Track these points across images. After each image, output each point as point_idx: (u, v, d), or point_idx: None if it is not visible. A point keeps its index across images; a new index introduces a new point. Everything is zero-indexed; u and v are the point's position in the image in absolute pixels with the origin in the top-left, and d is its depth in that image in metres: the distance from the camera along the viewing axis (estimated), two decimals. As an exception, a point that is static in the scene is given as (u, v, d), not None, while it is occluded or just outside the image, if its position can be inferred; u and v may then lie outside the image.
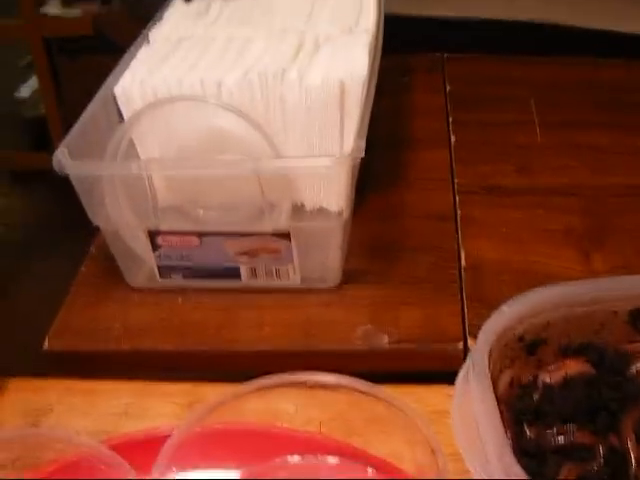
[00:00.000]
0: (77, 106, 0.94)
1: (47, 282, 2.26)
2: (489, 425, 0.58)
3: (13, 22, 2.69)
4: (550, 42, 1.69)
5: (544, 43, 1.56)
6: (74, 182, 0.84)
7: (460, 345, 0.82)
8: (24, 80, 3.10)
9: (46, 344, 0.87)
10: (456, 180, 1.05)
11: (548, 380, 0.67)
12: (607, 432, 0.62)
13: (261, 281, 0.88)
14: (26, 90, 3.07)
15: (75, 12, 2.51)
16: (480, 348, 0.65)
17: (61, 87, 2.68)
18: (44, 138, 2.76)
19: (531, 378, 0.68)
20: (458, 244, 0.94)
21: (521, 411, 0.65)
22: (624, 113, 1.18)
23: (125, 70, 0.96)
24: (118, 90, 0.93)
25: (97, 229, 0.91)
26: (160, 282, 0.90)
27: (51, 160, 0.82)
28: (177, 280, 0.90)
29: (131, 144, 0.92)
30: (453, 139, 1.13)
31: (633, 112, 1.18)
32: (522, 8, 2.03)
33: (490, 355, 0.65)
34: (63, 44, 2.59)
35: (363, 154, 0.81)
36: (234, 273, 0.88)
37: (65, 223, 1.57)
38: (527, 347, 0.69)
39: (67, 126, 0.88)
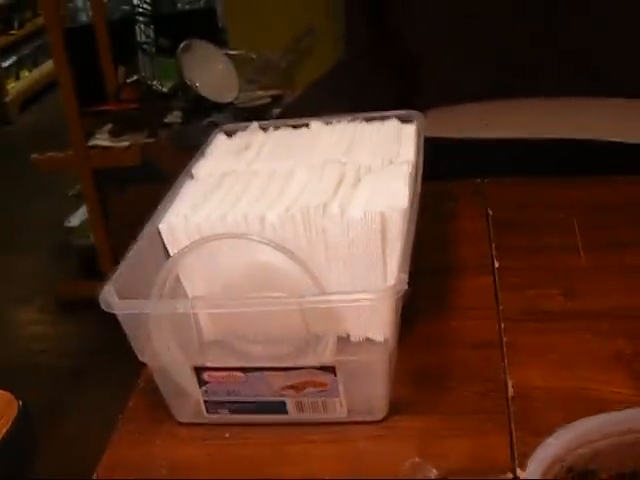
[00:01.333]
0: (125, 234, 0.96)
1: (100, 409, 2.27)
2: None
3: (64, 154, 2.76)
4: (590, 161, 1.70)
5: (584, 162, 1.57)
6: (121, 320, 0.85)
7: (509, 475, 0.81)
8: (74, 209, 3.17)
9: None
10: (501, 307, 1.05)
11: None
12: None
13: (308, 414, 0.88)
14: (76, 219, 3.13)
15: (123, 143, 2.57)
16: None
17: (110, 216, 2.73)
18: (93, 266, 2.80)
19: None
20: (505, 372, 0.94)
21: None
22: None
23: (170, 206, 0.98)
24: (163, 227, 0.95)
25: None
26: (207, 417, 0.90)
27: (100, 288, 0.84)
28: (224, 415, 0.90)
29: (177, 279, 0.93)
30: (497, 264, 1.14)
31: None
32: (562, 127, 2.06)
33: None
34: (111, 174, 2.65)
35: (406, 287, 0.81)
36: (281, 407, 0.88)
37: (116, 350, 1.59)
38: (577, 477, 0.68)
39: (116, 254, 0.89)
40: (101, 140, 2.64)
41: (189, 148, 1.14)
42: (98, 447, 0.91)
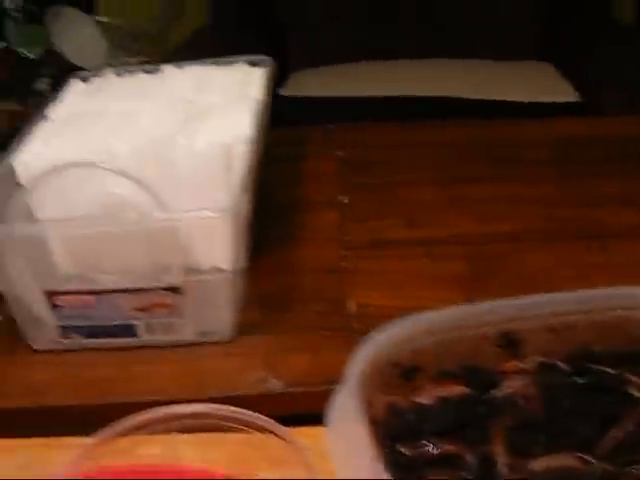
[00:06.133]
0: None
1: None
2: (357, 441, 0.61)
3: None
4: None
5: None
6: (-27, 249, 0.88)
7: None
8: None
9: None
10: (345, 237, 1.10)
11: (423, 401, 0.71)
12: (478, 443, 0.66)
13: (157, 336, 0.92)
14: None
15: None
16: (352, 372, 0.68)
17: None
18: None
19: (407, 401, 0.71)
20: (345, 294, 0.99)
21: (397, 431, 0.68)
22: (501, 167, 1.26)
23: (23, 145, 1.00)
24: (16, 163, 0.97)
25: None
26: (61, 342, 0.93)
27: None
28: (78, 339, 0.93)
29: (30, 215, 0.95)
30: (345, 200, 1.19)
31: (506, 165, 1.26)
32: (413, 86, 2.15)
33: (364, 380, 0.68)
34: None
35: (246, 207, 0.85)
36: (131, 330, 0.91)
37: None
38: (403, 373, 0.73)
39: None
40: (-31, 109, 2.61)
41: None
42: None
